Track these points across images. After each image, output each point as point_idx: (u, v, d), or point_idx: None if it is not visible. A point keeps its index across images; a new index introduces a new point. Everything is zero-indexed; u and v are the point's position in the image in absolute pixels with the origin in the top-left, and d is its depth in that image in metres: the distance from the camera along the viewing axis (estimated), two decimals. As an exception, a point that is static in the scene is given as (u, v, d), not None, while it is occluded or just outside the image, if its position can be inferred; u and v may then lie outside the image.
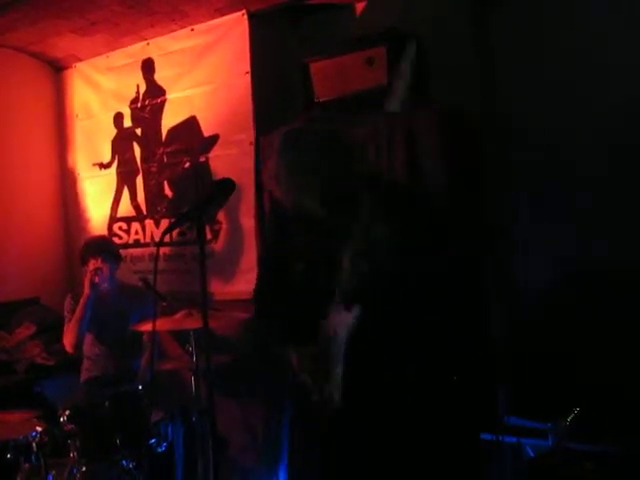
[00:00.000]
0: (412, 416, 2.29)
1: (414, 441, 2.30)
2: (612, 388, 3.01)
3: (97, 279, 3.94)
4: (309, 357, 2.44)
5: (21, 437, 3.03)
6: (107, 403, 3.17)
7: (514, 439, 2.86)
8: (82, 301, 3.91)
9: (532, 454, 2.91)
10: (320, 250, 2.39)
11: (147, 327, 3.41)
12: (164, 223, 4.55)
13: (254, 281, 3.99)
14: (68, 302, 4.08)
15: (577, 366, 3.12)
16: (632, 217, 3.15)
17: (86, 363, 4.09)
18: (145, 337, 3.98)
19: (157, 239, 4.55)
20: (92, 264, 3.96)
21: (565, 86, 3.31)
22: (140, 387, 3.31)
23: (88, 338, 4.04)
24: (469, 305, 2.29)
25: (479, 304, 2.47)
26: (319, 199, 2.28)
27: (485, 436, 2.89)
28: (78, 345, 3.97)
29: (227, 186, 1.90)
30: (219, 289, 4.26)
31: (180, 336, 3.76)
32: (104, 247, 4.08)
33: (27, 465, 3.04)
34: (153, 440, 3.31)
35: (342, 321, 2.27)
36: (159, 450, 3.40)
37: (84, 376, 4.07)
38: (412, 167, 3.31)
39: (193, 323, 3.26)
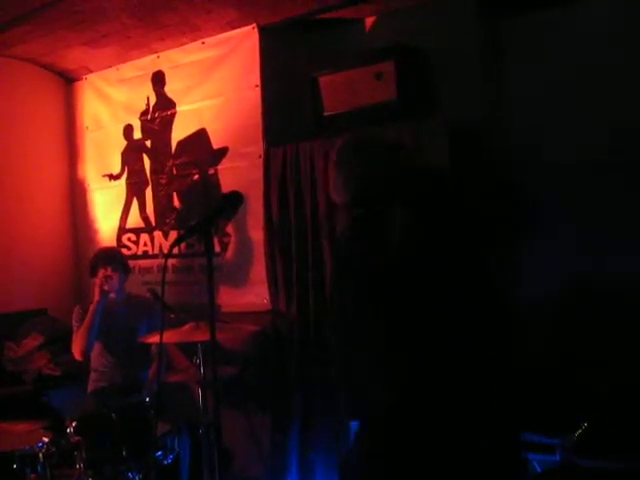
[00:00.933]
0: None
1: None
2: (622, 404, 2.98)
3: (107, 286, 3.97)
4: None
5: (27, 447, 3.04)
6: (114, 415, 3.18)
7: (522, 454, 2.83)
8: (92, 307, 3.93)
9: (539, 469, 2.90)
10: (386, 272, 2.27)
11: (155, 339, 3.42)
12: (173, 235, 4.57)
13: (262, 294, 4.04)
14: (77, 312, 4.08)
15: (586, 382, 3.10)
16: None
17: (93, 375, 4.09)
18: (153, 348, 3.98)
19: (166, 250, 4.56)
20: (102, 273, 3.99)
21: (573, 102, 3.32)
22: (147, 399, 3.32)
23: (96, 348, 4.04)
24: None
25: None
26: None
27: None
28: (87, 352, 3.97)
29: (235, 199, 1.91)
30: (228, 301, 4.26)
31: (187, 348, 3.77)
32: (113, 257, 4.11)
33: (33, 475, 3.05)
34: (159, 452, 3.33)
35: None
36: (165, 462, 3.41)
37: (91, 387, 4.07)
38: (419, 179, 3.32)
39: (200, 336, 3.26)
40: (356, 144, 2.35)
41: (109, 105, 4.95)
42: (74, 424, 3.13)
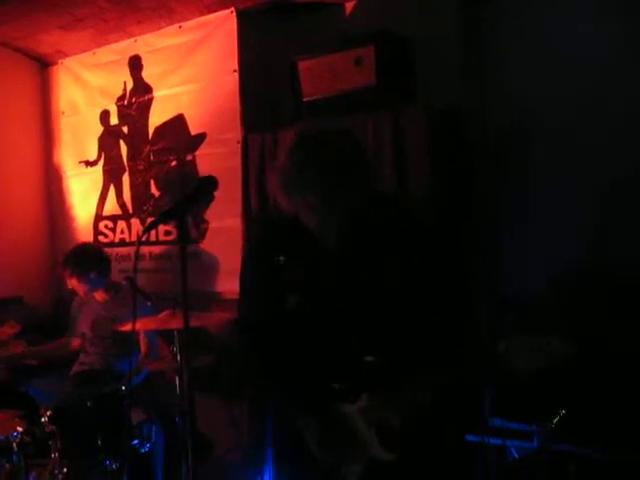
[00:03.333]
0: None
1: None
2: (599, 391, 2.99)
3: (97, 297, 4.06)
4: (325, 432, 2.15)
5: (2, 437, 3.00)
6: (89, 403, 3.15)
7: (499, 441, 2.84)
8: None
9: (516, 455, 2.90)
10: (318, 279, 2.16)
11: (130, 326, 3.37)
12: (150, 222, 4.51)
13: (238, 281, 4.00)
14: (76, 303, 4.23)
15: (563, 368, 3.11)
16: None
17: (81, 357, 4.10)
18: (141, 337, 3.94)
19: (143, 238, 4.51)
20: (72, 281, 4.02)
21: (556, 86, 3.30)
22: (123, 387, 3.29)
23: (88, 335, 4.08)
24: (456, 306, 2.21)
25: (466, 305, 2.40)
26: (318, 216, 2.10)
27: (470, 437, 2.87)
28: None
29: (209, 184, 1.87)
30: (206, 288, 4.23)
31: (168, 337, 3.73)
32: (81, 265, 4.01)
33: (7, 465, 3.01)
34: (136, 441, 3.30)
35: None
36: (142, 451, 3.39)
37: (75, 368, 4.07)
38: (399, 166, 3.31)
39: (177, 323, 3.22)
40: (308, 148, 2.11)
41: (85, 90, 4.89)
42: (49, 413, 3.09)
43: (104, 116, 4.78)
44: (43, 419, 3.09)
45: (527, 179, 3.40)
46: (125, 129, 4.68)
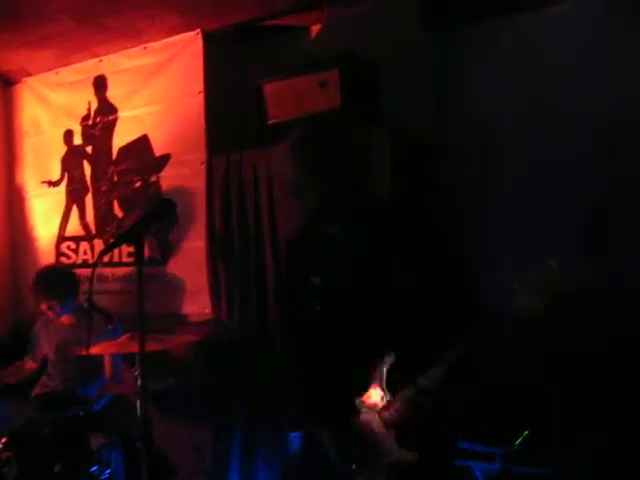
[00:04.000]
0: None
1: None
2: (562, 412, 3.01)
3: (64, 320, 3.95)
4: (344, 445, 2.19)
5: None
6: (46, 429, 3.08)
7: (463, 462, 2.83)
8: None
9: (480, 477, 2.90)
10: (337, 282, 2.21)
11: (94, 350, 3.32)
12: (114, 244, 4.47)
13: (204, 303, 3.98)
14: (39, 325, 4.14)
15: (527, 390, 3.12)
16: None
17: (44, 379, 4.01)
18: (106, 360, 3.87)
19: (105, 259, 4.45)
20: (42, 307, 3.93)
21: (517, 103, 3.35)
22: (81, 412, 3.23)
23: (52, 358, 3.99)
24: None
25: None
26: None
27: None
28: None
29: (166, 207, 1.86)
30: (170, 310, 4.18)
31: (130, 360, 3.68)
32: (54, 289, 3.92)
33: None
34: (95, 467, 3.24)
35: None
36: (102, 477, 3.33)
37: (37, 390, 3.98)
38: (362, 186, 3.31)
39: (136, 346, 3.16)
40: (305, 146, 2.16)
41: (49, 109, 4.84)
42: (4, 440, 3.02)
43: (68, 136, 4.73)
44: (-2, 445, 3.02)
45: (492, 198, 3.42)
46: (89, 149, 4.63)
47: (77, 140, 4.69)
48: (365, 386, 2.15)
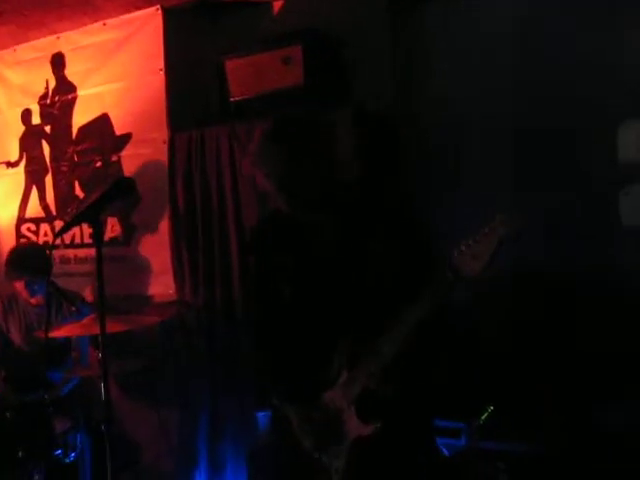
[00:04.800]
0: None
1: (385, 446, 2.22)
2: (527, 387, 3.05)
3: (33, 301, 3.84)
4: (309, 423, 2.21)
5: None
6: (9, 413, 3.04)
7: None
8: None
9: (446, 453, 2.93)
10: (305, 265, 2.23)
11: (59, 332, 3.28)
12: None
13: (168, 284, 3.95)
14: None
15: (492, 364, 3.15)
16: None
17: (8, 362, 3.94)
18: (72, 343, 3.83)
19: (67, 241, 4.38)
20: (18, 286, 3.82)
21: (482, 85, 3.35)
22: (46, 396, 3.19)
23: (17, 342, 3.92)
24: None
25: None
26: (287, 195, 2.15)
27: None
28: None
29: (124, 186, 1.83)
30: (135, 291, 4.14)
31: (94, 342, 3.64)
32: (30, 266, 3.77)
33: None
34: (59, 451, 3.21)
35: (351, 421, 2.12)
36: (67, 460, 3.30)
37: (2, 374, 3.90)
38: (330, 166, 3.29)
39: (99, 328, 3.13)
40: (277, 138, 2.16)
41: (6, 88, 4.73)
42: (-34, 424, 2.98)
43: (26, 115, 4.63)
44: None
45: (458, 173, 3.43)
46: (48, 129, 4.54)
47: (35, 120, 4.60)
48: (329, 363, 2.16)
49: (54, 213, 4.53)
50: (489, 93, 3.35)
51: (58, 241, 4.48)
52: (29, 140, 4.64)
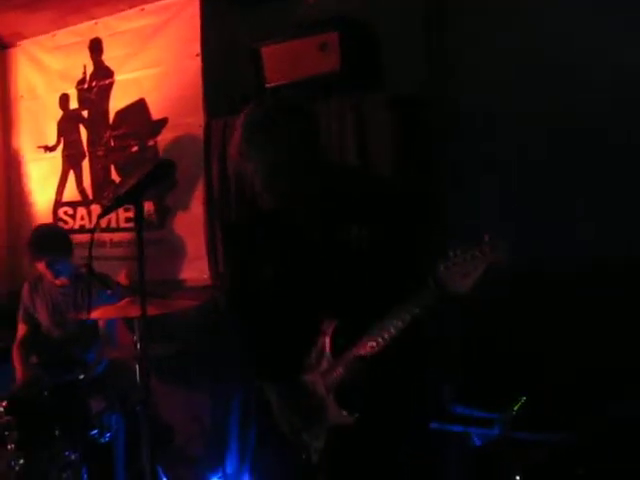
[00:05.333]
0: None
1: (364, 433, 2.23)
2: (560, 377, 3.02)
3: (57, 282, 3.87)
4: (283, 403, 2.25)
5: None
6: (46, 393, 3.09)
7: (461, 428, 2.85)
8: None
9: (478, 443, 2.92)
10: (289, 249, 2.22)
11: (95, 314, 3.32)
12: (111, 208, 4.45)
13: (202, 269, 3.97)
14: (26, 290, 4.02)
15: (525, 355, 3.13)
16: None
17: (40, 343, 4.00)
18: (101, 325, 3.86)
19: (103, 225, 4.44)
20: (40, 266, 3.82)
21: (518, 72, 3.30)
22: (81, 376, 3.24)
23: (46, 323, 3.96)
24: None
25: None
26: (277, 198, 2.09)
27: (432, 425, 2.88)
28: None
29: (166, 167, 1.84)
30: (169, 276, 4.18)
31: (129, 324, 3.68)
32: (49, 246, 3.80)
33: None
34: (95, 431, 3.25)
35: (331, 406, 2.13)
36: (102, 441, 3.34)
37: (35, 355, 3.99)
38: (362, 152, 3.29)
39: (137, 311, 3.17)
40: (264, 119, 2.05)
41: (44, 73, 4.79)
42: (4, 404, 3.03)
43: (63, 100, 4.69)
44: (-1, 410, 3.03)
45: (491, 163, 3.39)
46: (85, 113, 4.59)
47: (73, 104, 4.65)
48: (311, 347, 2.17)
49: (90, 197, 4.58)
50: (525, 78, 3.30)
51: (93, 224, 4.54)
52: (67, 125, 4.69)
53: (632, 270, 2.95)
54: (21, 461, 3.02)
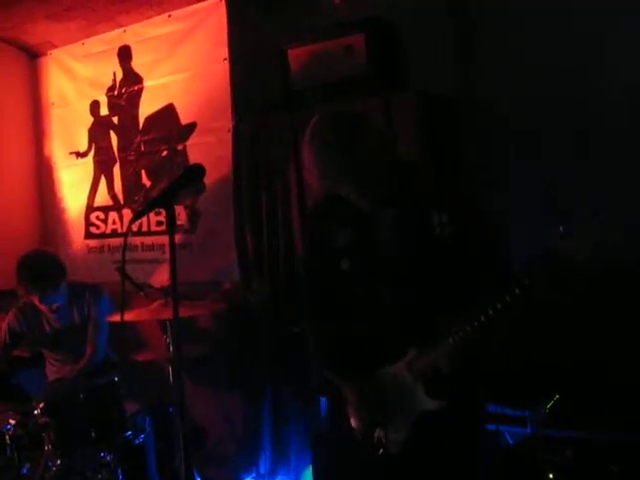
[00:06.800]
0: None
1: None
2: (592, 374, 2.99)
3: (53, 308, 3.80)
4: (364, 399, 2.26)
5: (-7, 430, 2.99)
6: (82, 395, 3.13)
7: (493, 426, 2.84)
8: None
9: (511, 441, 2.91)
10: (365, 244, 2.24)
11: (128, 316, 3.36)
12: (142, 213, 4.49)
13: (233, 271, 4.00)
14: (10, 318, 3.93)
15: (557, 352, 3.11)
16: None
17: (49, 368, 4.01)
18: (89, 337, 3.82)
19: (134, 229, 4.49)
20: (34, 298, 3.72)
21: (545, 71, 3.28)
22: (115, 378, 3.28)
23: (44, 350, 3.98)
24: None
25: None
26: (357, 185, 2.12)
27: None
28: None
29: (196, 171, 1.86)
30: (199, 278, 4.21)
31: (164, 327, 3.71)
32: (43, 281, 3.67)
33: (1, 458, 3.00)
34: (129, 432, 3.29)
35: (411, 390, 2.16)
36: (136, 442, 3.39)
37: (50, 377, 4.00)
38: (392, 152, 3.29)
39: (169, 313, 3.21)
40: (339, 124, 2.12)
41: (75, 81, 4.85)
42: (41, 405, 3.08)
43: (94, 107, 4.75)
44: (36, 411, 3.07)
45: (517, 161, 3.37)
46: (115, 119, 4.65)
47: (103, 111, 4.71)
48: (392, 339, 2.19)
49: (122, 202, 4.64)
50: (554, 76, 3.28)
51: (125, 229, 4.60)
52: (97, 131, 4.76)
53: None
54: (58, 462, 3.07)
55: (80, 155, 4.86)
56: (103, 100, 4.70)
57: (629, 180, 3.05)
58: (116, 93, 4.62)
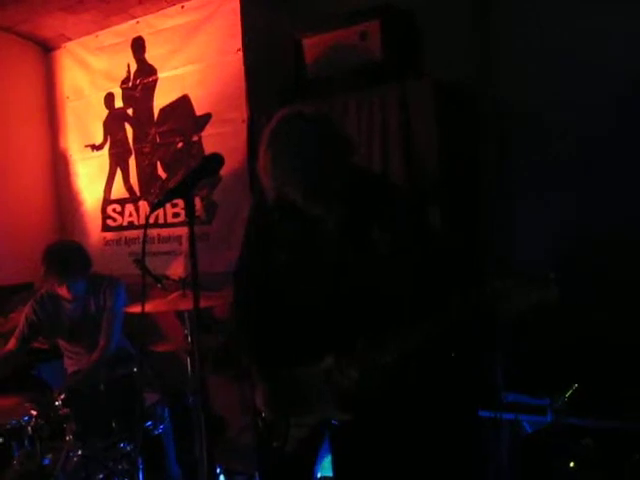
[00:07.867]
0: (411, 394, 2.25)
1: (412, 420, 2.25)
2: (612, 363, 2.98)
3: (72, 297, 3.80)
4: (279, 396, 2.29)
5: (14, 421, 3.01)
6: (102, 386, 3.15)
7: (512, 415, 2.83)
8: None
9: (530, 430, 2.89)
10: (304, 247, 2.24)
11: (146, 308, 3.36)
12: (158, 204, 4.50)
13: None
14: (28, 310, 3.91)
15: (577, 340, 3.09)
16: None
17: (66, 361, 4.01)
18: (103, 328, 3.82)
19: (151, 220, 4.50)
20: (60, 289, 3.74)
21: (565, 61, 3.24)
22: (135, 369, 3.29)
23: (61, 342, 3.97)
24: (466, 279, 2.21)
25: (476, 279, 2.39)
26: (302, 191, 2.10)
27: (483, 413, 2.87)
28: None
29: (215, 161, 1.86)
30: (215, 269, 4.21)
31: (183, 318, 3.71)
32: (74, 269, 3.69)
33: (22, 450, 3.02)
34: (149, 422, 3.31)
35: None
36: (155, 432, 3.40)
37: (69, 370, 4.00)
38: (406, 139, 3.28)
39: (187, 304, 3.22)
40: (292, 125, 2.11)
41: (89, 73, 4.86)
42: (62, 397, 3.10)
43: (109, 99, 4.76)
44: (57, 402, 3.09)
45: (533, 151, 3.35)
46: (130, 112, 4.65)
47: (118, 103, 4.72)
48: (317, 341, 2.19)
49: (138, 194, 4.66)
50: (573, 66, 3.25)
51: (141, 220, 4.62)
52: (112, 123, 4.77)
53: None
54: (79, 452, 3.09)
55: (96, 148, 4.87)
56: (118, 92, 4.71)
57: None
58: (130, 85, 4.63)
